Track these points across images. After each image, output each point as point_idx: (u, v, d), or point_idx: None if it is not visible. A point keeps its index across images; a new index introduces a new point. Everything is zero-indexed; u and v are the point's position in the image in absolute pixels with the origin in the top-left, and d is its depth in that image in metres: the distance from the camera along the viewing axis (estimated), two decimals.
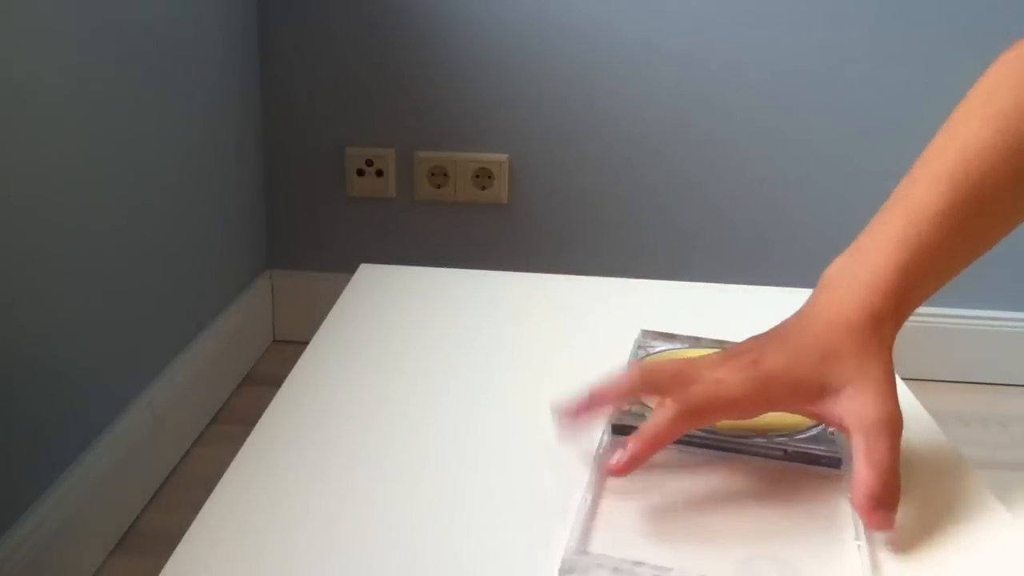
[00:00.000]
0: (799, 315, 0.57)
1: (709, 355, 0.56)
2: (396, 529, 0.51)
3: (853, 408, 0.52)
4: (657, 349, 0.70)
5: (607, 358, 0.71)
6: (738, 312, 0.82)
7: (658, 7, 1.92)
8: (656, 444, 0.52)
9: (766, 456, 0.57)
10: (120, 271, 1.45)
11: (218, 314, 1.85)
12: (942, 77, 1.91)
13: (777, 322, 0.58)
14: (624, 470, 0.51)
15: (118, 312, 1.45)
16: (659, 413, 0.52)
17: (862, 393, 0.52)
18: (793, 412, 0.54)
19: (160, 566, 0.47)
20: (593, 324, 0.78)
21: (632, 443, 0.52)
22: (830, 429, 0.58)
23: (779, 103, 1.96)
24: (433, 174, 2.04)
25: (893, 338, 0.55)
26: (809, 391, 0.53)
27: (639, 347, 0.71)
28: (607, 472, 0.52)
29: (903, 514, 0.52)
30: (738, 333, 0.75)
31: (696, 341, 0.72)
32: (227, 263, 1.92)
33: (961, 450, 0.60)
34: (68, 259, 1.30)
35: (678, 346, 0.71)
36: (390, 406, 0.64)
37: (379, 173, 2.05)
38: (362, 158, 2.04)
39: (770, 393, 0.53)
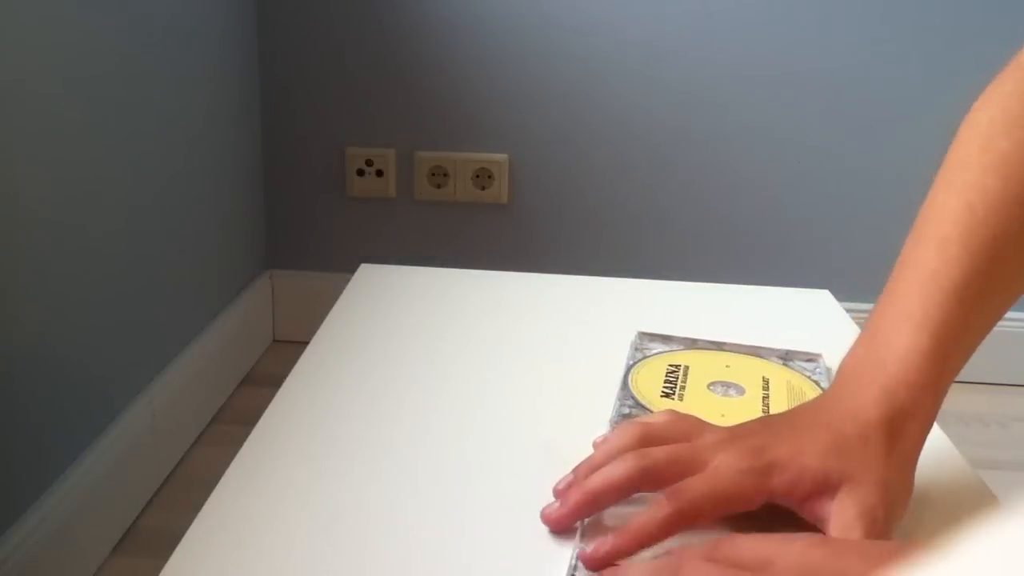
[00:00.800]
0: (815, 402, 0.54)
1: (713, 432, 0.52)
2: (396, 529, 0.51)
3: (837, 504, 0.48)
4: (654, 351, 0.70)
5: (606, 358, 0.71)
6: (738, 312, 0.82)
7: (658, 6, 1.92)
8: (642, 543, 0.48)
9: None
10: (120, 271, 1.45)
11: (218, 314, 1.85)
12: (945, 76, 1.91)
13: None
14: (600, 563, 0.47)
15: (118, 312, 1.45)
16: (651, 511, 0.48)
17: (854, 492, 0.48)
18: (791, 508, 0.50)
19: (160, 566, 0.47)
20: (593, 324, 0.78)
21: (616, 537, 0.48)
22: None
23: (779, 103, 1.96)
24: (433, 174, 2.04)
25: (918, 436, 0.51)
26: (813, 482, 0.48)
27: (636, 349, 0.70)
28: (582, 559, 0.48)
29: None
30: (738, 333, 0.75)
31: (692, 343, 0.72)
32: (227, 263, 1.92)
33: (961, 450, 0.60)
34: (68, 259, 1.30)
35: (674, 348, 0.71)
36: (390, 406, 0.64)
37: (379, 173, 2.05)
38: (362, 158, 2.04)
39: (770, 484, 0.49)
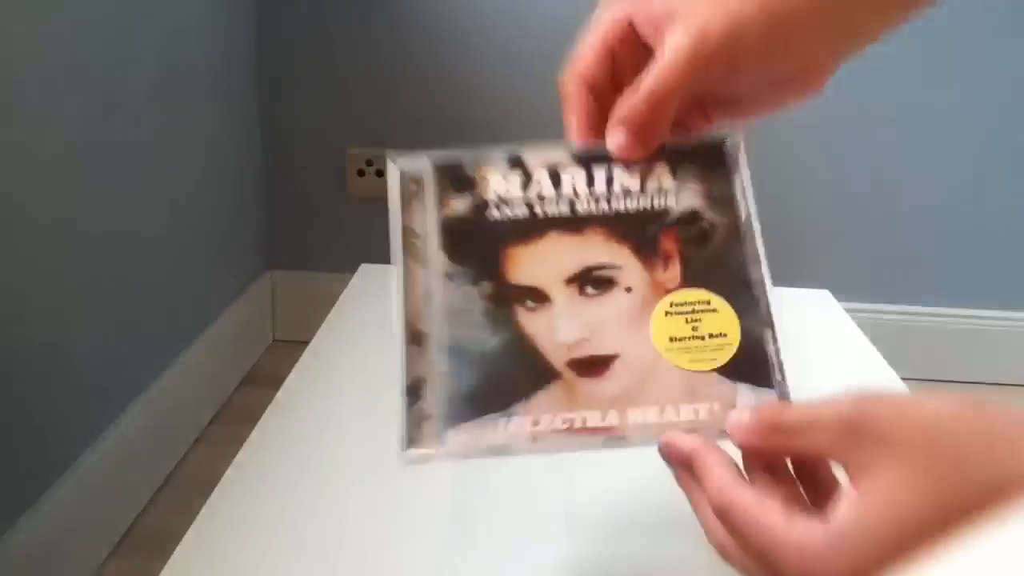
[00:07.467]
0: None
1: None
2: (396, 528, 0.51)
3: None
4: None
5: None
6: None
7: None
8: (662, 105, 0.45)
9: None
10: (120, 271, 1.45)
11: (218, 314, 1.85)
12: (946, 76, 1.91)
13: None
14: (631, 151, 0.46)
15: (118, 312, 1.45)
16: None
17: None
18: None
19: (160, 566, 0.47)
20: None
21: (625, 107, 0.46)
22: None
23: None
24: None
25: None
26: None
27: None
28: (615, 155, 0.45)
29: None
30: None
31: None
32: (227, 263, 1.92)
33: None
34: (68, 260, 1.30)
35: None
36: (390, 406, 0.64)
37: (379, 173, 2.05)
38: (362, 158, 2.04)
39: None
